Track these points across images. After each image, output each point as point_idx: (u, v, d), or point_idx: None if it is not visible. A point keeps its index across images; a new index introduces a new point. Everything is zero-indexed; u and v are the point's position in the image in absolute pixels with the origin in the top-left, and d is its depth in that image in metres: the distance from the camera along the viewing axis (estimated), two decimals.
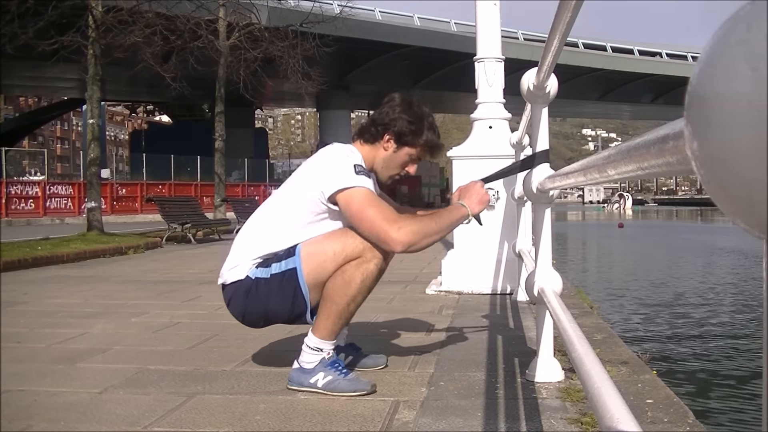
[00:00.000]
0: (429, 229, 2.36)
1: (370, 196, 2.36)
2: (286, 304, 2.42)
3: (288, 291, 2.41)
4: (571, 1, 1.58)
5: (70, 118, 77.34)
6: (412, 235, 2.31)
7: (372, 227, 2.32)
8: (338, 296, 2.37)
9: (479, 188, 2.53)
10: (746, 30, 0.33)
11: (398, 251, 2.35)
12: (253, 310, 2.47)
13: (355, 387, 2.37)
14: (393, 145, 2.55)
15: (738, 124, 0.33)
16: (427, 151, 2.61)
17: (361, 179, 2.37)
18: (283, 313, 2.46)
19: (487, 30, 4.91)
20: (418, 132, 2.54)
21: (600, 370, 1.23)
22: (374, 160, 2.57)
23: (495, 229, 4.86)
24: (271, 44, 15.83)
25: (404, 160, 2.58)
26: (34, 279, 6.36)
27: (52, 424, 2.10)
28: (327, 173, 2.40)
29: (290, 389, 2.43)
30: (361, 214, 2.33)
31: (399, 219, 2.34)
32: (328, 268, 2.38)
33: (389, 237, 2.30)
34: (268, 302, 2.43)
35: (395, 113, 2.54)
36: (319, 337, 2.41)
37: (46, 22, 12.08)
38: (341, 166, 2.39)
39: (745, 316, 8.13)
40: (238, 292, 2.46)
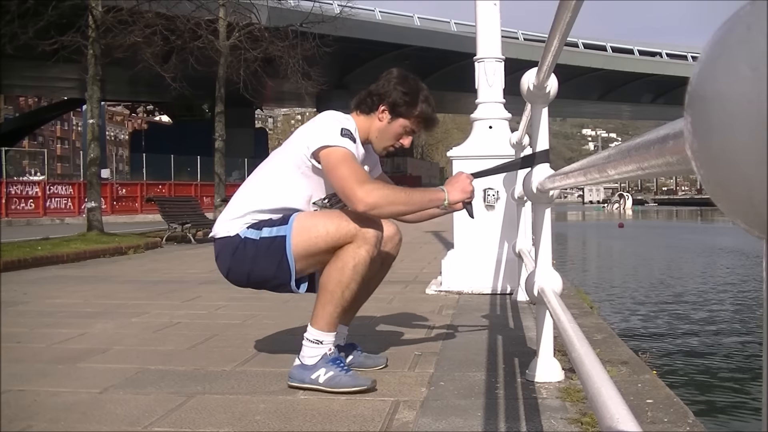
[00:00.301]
0: (396, 198, 2.38)
1: (347, 156, 2.40)
2: (270, 269, 2.45)
3: (274, 257, 2.44)
4: (571, 1, 1.58)
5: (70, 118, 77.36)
6: (377, 198, 2.33)
7: (342, 184, 2.36)
8: (332, 284, 2.39)
9: (464, 178, 2.54)
10: (746, 30, 0.33)
11: (360, 210, 2.34)
12: (238, 268, 2.51)
13: (356, 383, 2.39)
14: (387, 116, 2.59)
15: (738, 124, 0.33)
16: (422, 123, 2.64)
17: (344, 141, 2.41)
18: (266, 277, 2.49)
19: (487, 30, 4.91)
20: (413, 103, 2.58)
21: (600, 370, 1.23)
22: (369, 131, 2.61)
23: (495, 229, 4.86)
24: (271, 44, 15.82)
25: (398, 132, 2.61)
26: (34, 279, 6.36)
27: (52, 424, 2.10)
28: (314, 132, 2.47)
29: (291, 387, 2.43)
30: (335, 170, 2.38)
31: (370, 182, 2.38)
32: (319, 245, 2.41)
33: (355, 194, 2.32)
34: (254, 263, 2.47)
35: (391, 85, 2.59)
36: (317, 329, 2.42)
37: (46, 22, 12.08)
38: (329, 127, 2.45)
39: (745, 316, 8.13)
40: (226, 248, 2.52)
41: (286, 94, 33.63)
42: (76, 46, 11.84)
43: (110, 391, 2.46)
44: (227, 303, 4.56)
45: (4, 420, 2.13)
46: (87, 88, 11.94)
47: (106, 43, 12.07)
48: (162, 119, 59.60)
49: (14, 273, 6.78)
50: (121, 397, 2.38)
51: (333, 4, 22.86)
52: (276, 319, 3.84)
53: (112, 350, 3.17)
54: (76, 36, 11.77)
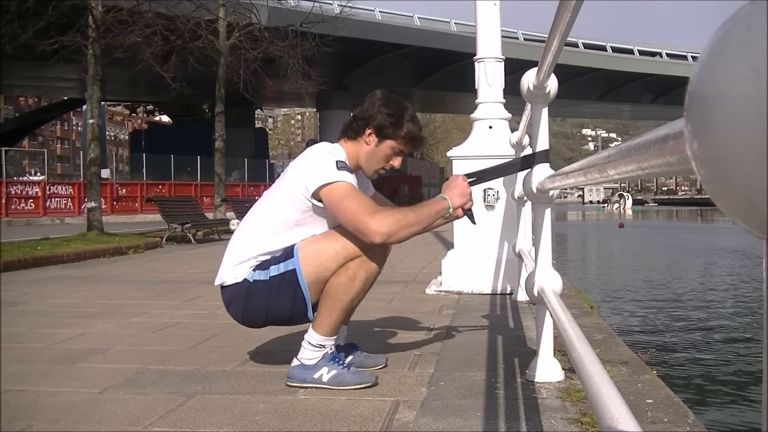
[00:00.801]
0: (408, 220, 2.37)
1: (350, 189, 2.38)
2: (287, 305, 2.45)
3: (288, 292, 2.43)
4: (571, 1, 1.58)
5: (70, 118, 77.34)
6: (390, 226, 2.33)
7: (351, 219, 2.34)
8: (342, 293, 2.40)
9: (460, 182, 2.53)
10: (746, 30, 0.33)
11: (377, 242, 2.34)
12: (253, 312, 2.50)
13: (361, 380, 2.41)
14: (374, 139, 2.57)
15: (738, 124, 0.33)
16: (409, 143, 2.62)
17: (342, 174, 2.39)
18: (283, 314, 2.49)
19: (487, 30, 4.91)
20: (398, 124, 2.57)
21: (600, 370, 1.23)
22: (358, 156, 2.59)
23: (495, 229, 4.86)
24: (271, 44, 15.82)
25: (387, 153, 2.60)
26: (34, 279, 6.36)
27: (52, 424, 2.10)
28: (310, 170, 2.44)
29: (290, 386, 2.43)
30: (341, 205, 2.36)
31: (379, 210, 2.36)
32: (331, 267, 2.41)
33: (368, 228, 2.31)
34: (269, 304, 2.46)
35: (375, 108, 2.57)
36: (321, 334, 2.44)
37: (46, 22, 12.08)
38: (323, 163, 2.42)
39: (745, 316, 8.13)
40: (237, 295, 2.49)
41: (286, 94, 33.60)
42: (76, 46, 11.85)
43: (110, 391, 2.46)
44: None
45: (4, 420, 2.13)
46: (87, 88, 11.94)
47: (106, 43, 12.08)
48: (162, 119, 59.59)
49: (14, 273, 6.78)
50: (121, 397, 2.38)
51: (333, 4, 22.86)
52: None
53: (112, 350, 3.17)
54: (76, 36, 11.77)
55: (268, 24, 16.97)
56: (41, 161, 44.89)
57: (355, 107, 2.71)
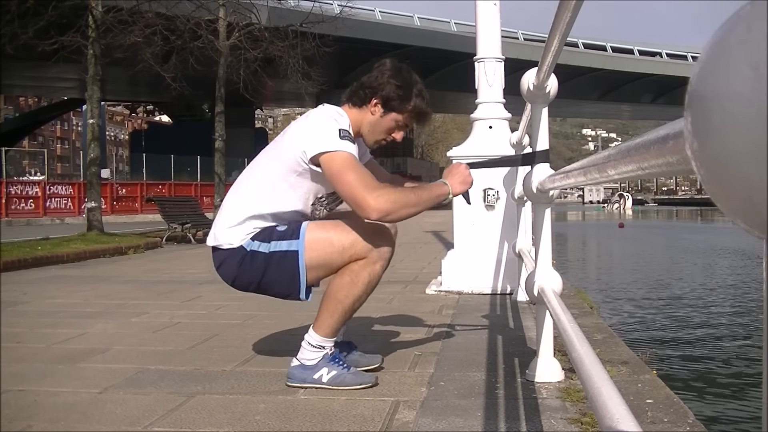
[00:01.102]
0: (408, 200, 2.33)
1: (351, 161, 2.33)
2: (282, 282, 2.42)
3: (285, 271, 2.40)
4: (571, 1, 1.58)
5: (70, 118, 77.36)
6: (389, 204, 2.28)
7: (351, 191, 2.30)
8: (344, 296, 2.39)
9: (463, 169, 2.51)
10: (746, 30, 0.33)
11: (374, 218, 2.31)
12: (246, 278, 2.46)
13: (361, 380, 2.41)
14: (380, 110, 2.52)
15: (738, 124, 0.33)
16: (414, 118, 2.58)
17: (344, 144, 2.34)
18: (276, 288, 2.46)
19: (487, 30, 4.91)
20: (406, 97, 2.51)
21: (600, 370, 1.23)
22: (361, 124, 2.54)
23: (495, 229, 4.86)
24: (271, 44, 15.81)
25: (390, 126, 2.55)
26: (34, 279, 6.36)
27: (52, 424, 2.10)
28: (311, 134, 2.39)
29: (290, 387, 2.43)
30: (341, 176, 2.31)
31: (378, 186, 2.32)
32: (334, 260, 2.39)
33: (366, 203, 2.27)
34: (264, 275, 2.42)
35: (384, 78, 2.51)
36: (322, 335, 2.43)
37: (46, 22, 12.07)
38: (326, 129, 2.37)
39: (745, 316, 8.13)
40: (230, 259, 2.45)
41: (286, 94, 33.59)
42: (76, 46, 11.84)
43: (110, 391, 2.46)
44: (227, 303, 4.56)
45: (4, 420, 2.13)
46: (87, 88, 11.94)
47: (106, 43, 12.08)
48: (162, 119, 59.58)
49: (14, 273, 6.78)
50: (121, 397, 2.38)
51: (333, 4, 22.85)
52: (276, 319, 3.84)
53: (112, 350, 3.17)
54: (76, 36, 11.77)
55: (268, 24, 16.96)
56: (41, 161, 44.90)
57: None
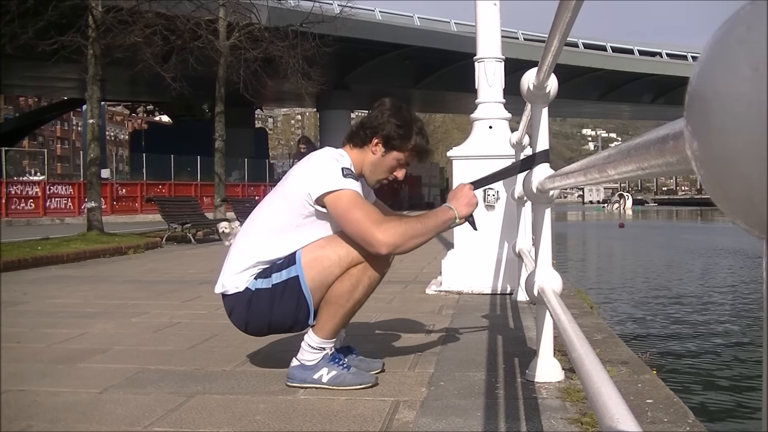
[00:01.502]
0: (415, 231, 2.36)
1: (356, 198, 2.35)
2: (290, 312, 2.44)
3: (291, 299, 2.42)
4: (571, 1, 1.58)
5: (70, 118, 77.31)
6: (397, 237, 2.32)
7: (358, 229, 2.32)
8: (344, 299, 2.40)
9: (467, 191, 2.52)
10: (746, 30, 0.33)
11: (383, 253, 2.34)
12: (257, 320, 2.48)
13: (361, 380, 2.41)
14: (381, 149, 2.55)
15: (738, 124, 0.33)
16: (416, 156, 2.60)
17: (348, 182, 2.37)
18: (287, 321, 2.48)
19: (487, 30, 4.91)
20: (407, 136, 2.54)
21: (600, 370, 1.22)
22: (363, 164, 2.56)
23: (495, 229, 4.86)
24: (271, 44, 15.82)
25: (392, 165, 2.58)
26: (34, 279, 6.36)
27: (52, 424, 2.10)
28: (314, 176, 2.40)
29: (291, 387, 2.44)
30: (347, 215, 2.33)
31: (385, 221, 2.34)
32: (334, 272, 2.40)
33: (374, 239, 2.30)
34: (272, 311, 2.44)
35: (384, 117, 2.54)
36: (322, 337, 2.44)
37: (46, 22, 12.07)
38: (329, 169, 2.39)
39: (745, 316, 8.13)
40: (239, 304, 2.47)
41: (286, 94, 33.58)
42: (76, 46, 11.84)
43: (110, 391, 2.46)
44: None
45: (4, 420, 2.13)
46: (87, 88, 11.94)
47: (106, 43, 12.07)
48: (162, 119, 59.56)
49: (14, 273, 6.78)
50: (121, 397, 2.38)
51: (333, 4, 22.85)
52: None
53: (112, 350, 3.17)
54: (76, 36, 11.77)
55: (268, 24, 16.96)
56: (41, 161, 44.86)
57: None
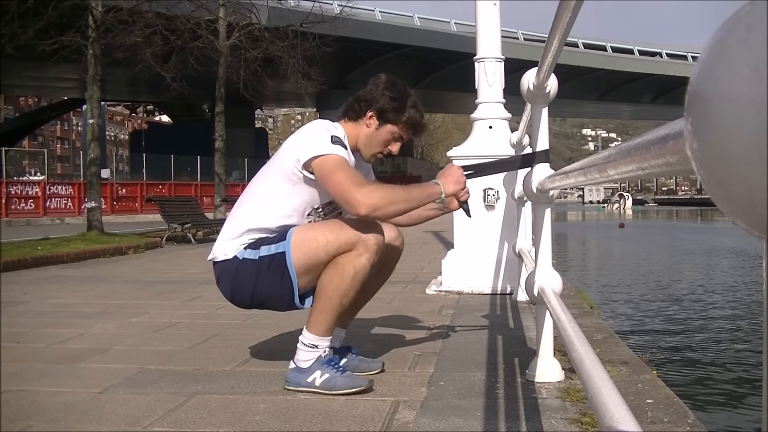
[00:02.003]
0: (396, 196, 2.35)
1: (341, 162, 2.36)
2: (273, 287, 2.42)
3: (276, 274, 2.40)
4: (571, 1, 1.58)
5: (70, 118, 77.34)
6: (377, 200, 2.30)
7: (340, 189, 2.32)
8: (330, 290, 2.37)
9: (455, 170, 2.52)
10: (746, 30, 0.33)
11: (363, 213, 2.30)
12: (241, 290, 2.48)
13: (353, 384, 2.37)
14: (375, 122, 2.55)
15: (738, 124, 0.33)
16: (410, 129, 2.59)
17: (336, 147, 2.37)
18: (270, 295, 2.46)
19: (487, 30, 4.91)
20: (401, 109, 2.54)
21: (600, 370, 1.23)
22: (357, 138, 2.57)
23: (495, 229, 4.86)
24: (271, 44, 15.82)
25: (386, 138, 2.57)
26: (34, 279, 6.36)
27: (52, 424, 2.10)
28: (303, 143, 2.43)
29: (288, 390, 2.43)
30: (331, 176, 2.33)
31: (368, 183, 2.35)
32: (320, 256, 2.37)
33: (355, 198, 2.28)
34: (256, 283, 2.44)
35: (378, 90, 2.55)
36: (314, 333, 2.40)
37: (46, 22, 12.07)
38: (318, 136, 2.41)
39: (745, 316, 8.13)
40: (226, 272, 2.48)
41: (286, 94, 33.63)
42: (76, 46, 11.84)
43: (110, 391, 2.46)
44: (227, 303, 4.54)
45: (4, 420, 2.13)
46: (87, 88, 11.94)
47: (106, 43, 12.07)
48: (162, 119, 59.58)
49: (14, 273, 6.78)
50: (121, 397, 2.38)
51: (333, 4, 22.85)
52: (276, 319, 3.83)
53: (112, 350, 3.17)
54: (76, 36, 11.76)
55: (268, 24, 16.96)
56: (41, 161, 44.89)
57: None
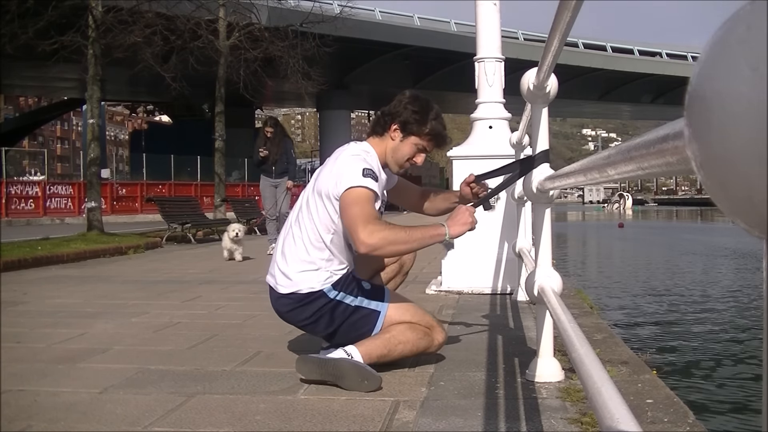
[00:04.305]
0: (397, 238, 2.46)
1: (363, 197, 2.48)
2: (351, 333, 2.60)
3: (364, 326, 2.61)
4: (571, 1, 1.58)
5: (70, 118, 77.32)
6: (378, 240, 2.41)
7: (349, 223, 2.46)
8: (396, 341, 2.57)
9: (463, 211, 2.61)
10: (746, 30, 0.33)
11: (361, 252, 2.46)
12: (323, 322, 2.64)
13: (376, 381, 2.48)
14: (399, 135, 2.69)
15: (738, 124, 0.33)
16: (432, 140, 2.73)
17: (365, 180, 2.50)
18: (345, 334, 2.63)
19: (487, 30, 4.91)
20: (423, 121, 2.68)
21: (600, 370, 1.22)
22: (385, 152, 2.72)
23: (495, 229, 4.86)
24: (271, 44, 15.82)
25: (410, 150, 2.72)
26: (34, 279, 6.36)
27: (52, 424, 2.10)
28: (339, 176, 2.55)
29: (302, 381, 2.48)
30: (347, 208, 2.49)
31: (375, 223, 2.44)
32: (405, 318, 2.64)
33: (358, 236, 2.42)
34: (343, 323, 2.61)
35: (401, 105, 2.70)
36: (360, 355, 2.50)
37: (46, 22, 12.07)
38: (351, 168, 2.54)
39: (745, 315, 8.13)
40: (310, 304, 2.62)
41: (286, 94, 33.59)
42: (76, 46, 11.83)
43: (110, 391, 2.46)
44: (227, 303, 4.56)
45: (4, 420, 2.13)
46: (87, 88, 11.93)
47: (106, 43, 12.06)
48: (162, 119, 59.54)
49: (14, 273, 6.78)
50: (121, 397, 2.38)
51: (333, 4, 22.86)
52: (276, 319, 3.81)
53: (112, 350, 3.17)
54: (76, 36, 11.76)
55: (268, 24, 16.96)
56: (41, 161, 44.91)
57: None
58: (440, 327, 2.72)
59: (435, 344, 2.66)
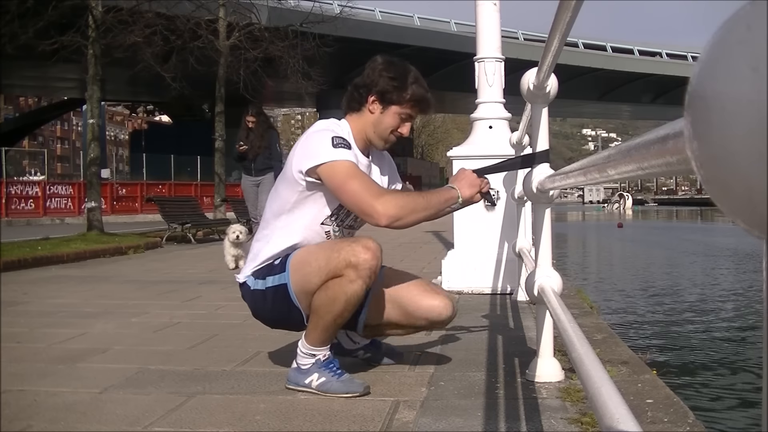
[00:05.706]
0: (416, 204, 2.30)
1: (351, 169, 2.29)
2: (285, 315, 2.49)
3: (283, 304, 2.45)
4: (571, 1, 1.58)
5: (70, 118, 77.30)
6: (397, 209, 2.24)
7: (355, 200, 2.26)
8: (324, 311, 2.34)
9: (469, 173, 2.48)
10: (746, 30, 0.33)
11: (383, 224, 2.25)
12: (260, 315, 2.59)
13: (348, 389, 2.35)
14: (378, 106, 2.45)
15: (738, 123, 0.33)
16: (415, 106, 2.48)
17: (339, 152, 2.29)
18: (283, 320, 2.54)
19: (487, 30, 4.91)
20: (402, 87, 2.44)
21: (600, 370, 1.23)
22: (365, 128, 2.48)
23: (495, 229, 4.86)
24: (271, 44, 15.83)
25: (394, 121, 2.47)
26: (34, 279, 6.36)
27: (52, 424, 2.10)
28: (305, 149, 2.38)
29: (288, 389, 2.43)
30: (344, 186, 2.27)
31: (384, 192, 2.31)
32: (313, 281, 2.35)
33: (374, 210, 2.23)
34: (271, 311, 2.52)
35: (375, 73, 2.46)
36: (310, 344, 2.41)
37: (46, 22, 12.07)
38: (319, 140, 2.35)
39: (745, 315, 8.13)
40: (245, 295, 2.58)
41: (286, 94, 33.60)
42: (76, 46, 11.83)
43: (110, 391, 2.46)
44: (227, 303, 4.56)
45: (4, 420, 2.13)
46: (87, 88, 11.93)
47: (106, 43, 12.07)
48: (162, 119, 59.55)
49: (14, 273, 6.77)
50: (121, 397, 2.38)
51: (333, 4, 22.86)
52: None
53: (112, 350, 3.17)
54: (76, 36, 11.76)
55: (268, 24, 16.97)
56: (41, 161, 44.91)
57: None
58: (358, 245, 2.28)
59: (362, 280, 2.27)
